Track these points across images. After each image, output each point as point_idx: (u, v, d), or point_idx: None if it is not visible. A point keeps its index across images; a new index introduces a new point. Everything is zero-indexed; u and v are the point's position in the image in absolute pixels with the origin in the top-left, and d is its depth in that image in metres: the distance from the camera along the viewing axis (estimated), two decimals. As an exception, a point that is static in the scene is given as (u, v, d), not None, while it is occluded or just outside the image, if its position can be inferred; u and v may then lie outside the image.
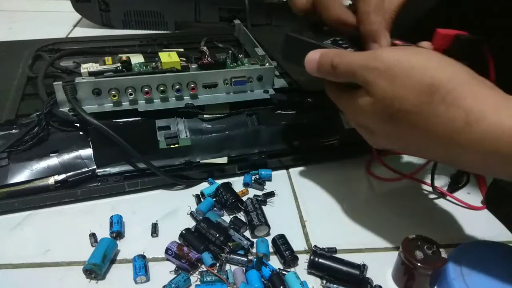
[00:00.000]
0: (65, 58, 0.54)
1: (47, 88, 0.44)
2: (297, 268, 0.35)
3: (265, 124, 0.47)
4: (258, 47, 0.53)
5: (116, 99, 0.43)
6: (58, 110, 0.42)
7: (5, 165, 0.39)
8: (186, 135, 0.44)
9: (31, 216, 0.39)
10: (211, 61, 0.48)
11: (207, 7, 0.79)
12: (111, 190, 0.41)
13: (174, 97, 0.45)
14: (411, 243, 0.34)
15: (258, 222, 0.37)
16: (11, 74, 0.50)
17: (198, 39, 0.59)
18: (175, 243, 0.35)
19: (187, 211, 0.40)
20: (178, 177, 0.42)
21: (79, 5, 0.79)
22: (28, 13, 0.89)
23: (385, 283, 0.34)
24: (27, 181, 0.39)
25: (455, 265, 0.33)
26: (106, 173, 0.41)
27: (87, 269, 0.33)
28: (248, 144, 0.46)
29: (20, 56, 0.55)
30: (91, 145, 0.41)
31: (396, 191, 0.45)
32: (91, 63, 0.46)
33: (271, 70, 0.48)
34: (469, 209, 0.43)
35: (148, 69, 0.47)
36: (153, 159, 0.42)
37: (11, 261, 0.35)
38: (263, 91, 0.48)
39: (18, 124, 0.41)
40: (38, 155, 0.40)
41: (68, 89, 0.41)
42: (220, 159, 0.45)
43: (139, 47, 0.60)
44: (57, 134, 0.42)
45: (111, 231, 0.37)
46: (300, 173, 0.47)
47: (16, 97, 0.46)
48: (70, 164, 0.41)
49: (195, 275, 0.34)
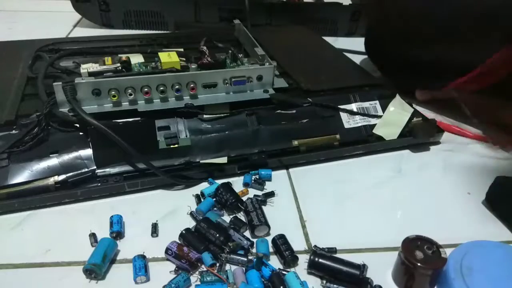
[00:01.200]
0: (65, 58, 0.54)
1: (47, 88, 0.44)
2: (297, 268, 0.35)
3: (265, 124, 0.47)
4: (258, 47, 0.53)
5: (116, 99, 0.43)
6: (58, 110, 0.42)
7: (5, 166, 0.39)
8: (185, 135, 0.45)
9: (31, 216, 0.39)
10: (210, 61, 0.48)
11: (207, 7, 0.79)
12: (111, 190, 0.41)
13: (173, 97, 0.45)
14: (411, 243, 0.33)
15: (258, 222, 0.37)
16: (10, 74, 0.50)
17: (197, 39, 0.59)
18: (175, 243, 0.35)
19: (187, 211, 0.40)
20: (178, 177, 0.42)
21: (79, 5, 0.79)
22: (28, 13, 0.89)
23: (385, 283, 0.34)
24: (27, 182, 0.39)
25: (455, 265, 0.33)
26: (106, 174, 0.41)
27: (87, 269, 0.33)
28: (248, 144, 0.46)
29: (20, 56, 0.55)
30: (91, 145, 0.41)
31: (396, 191, 0.45)
32: (91, 63, 0.46)
33: (271, 70, 0.48)
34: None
35: (147, 69, 0.47)
36: (153, 159, 0.42)
37: (11, 261, 0.35)
38: (263, 91, 0.48)
39: (18, 125, 0.41)
40: (38, 156, 0.40)
41: (67, 90, 0.41)
42: (220, 159, 0.45)
43: (138, 47, 0.60)
44: (57, 134, 0.42)
45: (111, 231, 0.37)
46: (300, 173, 0.47)
47: (16, 98, 0.46)
48: (70, 164, 0.41)
49: (195, 275, 0.34)
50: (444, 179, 0.47)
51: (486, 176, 0.48)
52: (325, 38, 0.73)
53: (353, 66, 0.61)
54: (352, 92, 0.51)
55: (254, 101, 0.47)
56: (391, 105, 0.52)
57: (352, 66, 0.61)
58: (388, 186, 0.46)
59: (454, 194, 0.45)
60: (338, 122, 0.49)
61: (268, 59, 0.49)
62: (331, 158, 0.49)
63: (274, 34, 0.69)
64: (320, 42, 0.70)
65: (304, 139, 0.47)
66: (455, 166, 0.50)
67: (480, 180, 0.47)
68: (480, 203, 0.44)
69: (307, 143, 0.48)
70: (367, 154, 0.50)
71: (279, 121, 0.47)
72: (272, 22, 0.81)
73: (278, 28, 0.80)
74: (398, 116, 0.51)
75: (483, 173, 0.48)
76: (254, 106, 0.47)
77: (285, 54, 0.59)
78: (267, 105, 0.48)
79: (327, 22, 0.84)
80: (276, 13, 0.81)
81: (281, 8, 0.81)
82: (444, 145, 0.53)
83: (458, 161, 0.51)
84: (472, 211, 0.43)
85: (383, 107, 0.51)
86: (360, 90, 0.52)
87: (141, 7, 0.79)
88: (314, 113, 0.49)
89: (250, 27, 0.76)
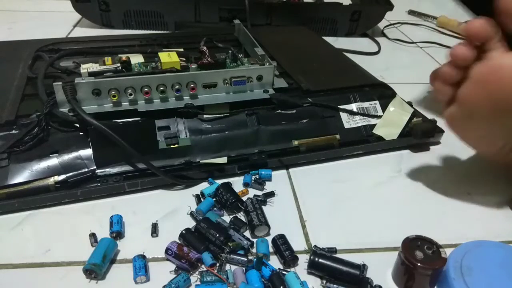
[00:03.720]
0: (64, 58, 0.54)
1: (47, 88, 0.44)
2: (297, 268, 0.35)
3: (265, 124, 0.47)
4: (258, 47, 0.53)
5: (116, 100, 0.43)
6: (58, 110, 0.42)
7: (5, 166, 0.39)
8: (186, 135, 0.45)
9: (31, 216, 0.39)
10: (210, 61, 0.48)
11: (207, 7, 0.79)
12: (111, 190, 0.41)
13: (173, 97, 0.45)
14: (411, 243, 0.34)
15: (258, 222, 0.37)
16: (11, 74, 0.50)
17: (198, 39, 0.59)
18: (175, 243, 0.35)
19: (187, 211, 0.40)
20: (178, 177, 0.42)
21: (79, 5, 0.79)
22: (28, 13, 0.89)
23: (385, 283, 0.34)
24: (27, 182, 0.39)
25: (455, 265, 0.33)
26: (106, 174, 0.41)
27: (87, 269, 0.33)
28: (248, 144, 0.46)
29: (20, 56, 0.55)
30: (91, 145, 0.41)
31: (396, 191, 0.45)
32: (91, 63, 0.46)
33: (271, 70, 0.48)
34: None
35: (147, 69, 0.47)
36: (153, 159, 0.42)
37: (11, 261, 0.35)
38: (263, 91, 0.48)
39: (18, 125, 0.41)
40: (38, 156, 0.40)
41: (67, 90, 0.41)
42: (220, 159, 0.45)
43: (138, 47, 0.60)
44: (57, 134, 0.42)
45: (111, 231, 0.37)
46: (300, 173, 0.47)
47: (16, 98, 0.46)
48: (70, 164, 0.41)
49: (195, 275, 0.34)
50: (444, 179, 0.47)
51: (486, 176, 0.48)
52: (325, 38, 0.73)
53: (353, 66, 0.61)
54: (352, 92, 0.51)
55: (254, 101, 0.47)
56: (391, 105, 0.52)
57: (352, 66, 0.61)
58: (388, 186, 0.46)
59: (454, 194, 0.45)
60: (338, 122, 0.49)
61: (268, 59, 0.49)
62: (331, 158, 0.48)
63: (274, 34, 0.69)
64: (320, 42, 0.70)
65: (304, 139, 0.47)
66: (455, 166, 0.50)
67: (480, 180, 0.47)
68: (480, 203, 0.44)
69: (307, 143, 0.48)
70: (367, 154, 0.50)
71: (279, 121, 0.47)
72: (272, 22, 0.82)
73: (278, 28, 0.80)
74: (398, 116, 0.51)
75: (483, 173, 0.48)
76: (254, 106, 0.47)
77: (285, 54, 0.59)
78: (267, 105, 0.48)
79: (327, 22, 0.84)
80: (276, 13, 0.81)
81: (281, 8, 0.81)
82: (444, 145, 0.53)
83: (458, 161, 0.51)
84: (472, 211, 0.43)
85: (383, 107, 0.51)
86: (360, 90, 0.52)
87: (141, 7, 0.79)
88: (314, 113, 0.49)
89: (250, 27, 0.76)
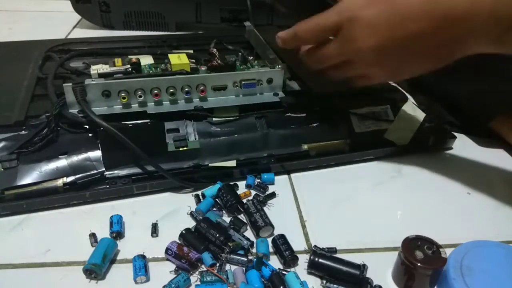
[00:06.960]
0: (75, 59, 0.54)
1: (57, 89, 0.44)
2: (297, 268, 0.35)
3: (275, 128, 0.46)
4: (269, 49, 0.52)
5: (126, 101, 0.43)
6: (67, 111, 0.42)
7: (14, 167, 0.39)
8: (195, 138, 0.44)
9: (31, 216, 0.39)
10: (220, 63, 0.48)
11: (208, 7, 0.78)
12: (120, 192, 0.41)
13: (183, 99, 0.45)
14: (411, 243, 0.33)
15: (263, 223, 0.37)
16: (21, 75, 0.50)
17: (207, 40, 0.59)
18: (175, 243, 0.35)
19: (187, 211, 0.40)
20: (186, 180, 0.42)
21: (79, 6, 0.78)
22: (28, 13, 0.89)
23: (385, 283, 0.34)
24: (35, 183, 0.39)
25: (455, 265, 0.33)
26: (114, 176, 0.41)
27: (87, 269, 0.33)
28: (257, 148, 0.46)
29: (30, 56, 0.55)
30: (100, 147, 0.41)
31: (396, 191, 0.45)
32: (101, 65, 0.46)
33: (281, 73, 0.47)
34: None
35: (157, 71, 0.47)
36: (162, 162, 0.42)
37: (11, 261, 0.35)
38: (273, 94, 0.48)
39: (28, 125, 0.41)
40: (47, 157, 0.40)
41: (77, 91, 0.41)
42: (229, 163, 0.44)
43: (148, 49, 0.60)
44: (66, 135, 0.42)
45: (111, 231, 0.37)
46: (300, 173, 0.46)
47: (25, 98, 0.46)
48: (79, 166, 0.40)
49: (195, 275, 0.34)
50: (444, 179, 0.47)
51: (486, 176, 0.48)
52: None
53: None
54: (363, 96, 0.51)
55: (263, 104, 0.47)
56: (403, 110, 0.51)
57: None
58: (389, 186, 0.45)
59: (454, 194, 0.44)
60: (348, 127, 0.49)
61: (279, 62, 0.48)
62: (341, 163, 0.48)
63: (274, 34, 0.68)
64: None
65: (314, 143, 0.47)
66: (455, 166, 0.49)
67: (480, 180, 0.46)
68: (480, 203, 0.43)
69: (317, 148, 0.47)
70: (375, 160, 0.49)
71: (288, 124, 0.47)
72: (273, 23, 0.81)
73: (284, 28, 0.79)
74: (409, 121, 0.50)
75: (483, 173, 0.48)
76: (264, 109, 0.47)
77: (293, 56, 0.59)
78: (277, 109, 0.47)
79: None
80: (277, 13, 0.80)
81: (282, 8, 0.80)
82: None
83: (458, 161, 0.50)
84: (472, 211, 0.42)
85: (395, 112, 0.51)
86: (371, 94, 0.51)
87: (141, 8, 0.78)
88: (324, 117, 0.48)
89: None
